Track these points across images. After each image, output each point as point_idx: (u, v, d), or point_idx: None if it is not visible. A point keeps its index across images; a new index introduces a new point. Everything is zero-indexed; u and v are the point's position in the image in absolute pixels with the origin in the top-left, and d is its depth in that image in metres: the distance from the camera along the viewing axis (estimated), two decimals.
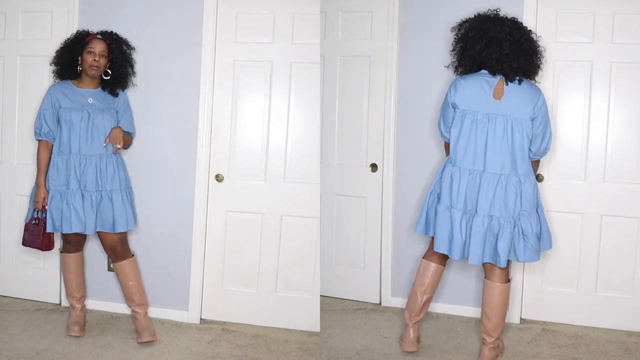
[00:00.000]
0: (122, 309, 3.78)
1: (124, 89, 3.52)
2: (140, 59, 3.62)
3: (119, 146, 3.34)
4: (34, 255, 3.87)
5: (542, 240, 3.09)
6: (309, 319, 3.69)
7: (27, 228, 3.33)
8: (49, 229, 3.29)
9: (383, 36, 3.85)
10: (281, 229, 3.74)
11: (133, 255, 3.52)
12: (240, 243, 3.77)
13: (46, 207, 3.27)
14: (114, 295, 3.79)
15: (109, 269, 3.79)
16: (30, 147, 3.84)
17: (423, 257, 3.28)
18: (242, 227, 3.76)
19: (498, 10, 3.12)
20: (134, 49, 3.54)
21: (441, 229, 3.08)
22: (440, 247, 3.09)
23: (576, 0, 3.55)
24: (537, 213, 3.09)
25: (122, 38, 3.48)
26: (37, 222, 3.31)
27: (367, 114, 3.94)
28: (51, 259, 3.87)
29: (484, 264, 3.09)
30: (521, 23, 3.10)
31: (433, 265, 3.23)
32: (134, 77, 3.57)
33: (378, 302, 4.00)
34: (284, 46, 3.67)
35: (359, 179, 3.98)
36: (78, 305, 3.49)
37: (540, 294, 3.72)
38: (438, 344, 3.42)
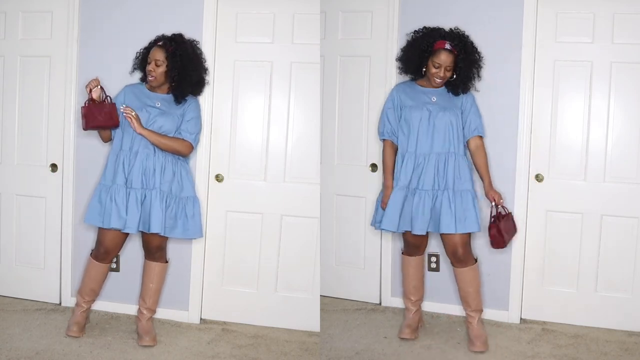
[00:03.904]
0: (122, 309, 3.78)
1: (192, 94, 3.42)
2: None
3: (132, 114, 3.23)
4: (34, 255, 3.88)
5: None
6: (309, 319, 3.69)
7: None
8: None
9: (383, 36, 3.85)
10: (281, 229, 3.74)
11: (167, 262, 3.53)
12: (240, 243, 3.77)
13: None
14: (115, 295, 3.79)
15: (110, 269, 3.78)
16: (30, 147, 3.85)
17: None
18: (242, 227, 3.76)
19: None
20: (198, 43, 3.49)
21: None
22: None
23: (576, 0, 3.55)
24: None
25: (184, 40, 3.38)
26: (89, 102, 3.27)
27: (367, 114, 3.94)
28: (51, 259, 3.87)
29: None
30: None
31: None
32: (206, 75, 3.50)
33: (378, 302, 4.00)
34: (284, 46, 3.67)
35: (359, 179, 3.98)
36: (84, 306, 3.47)
37: (540, 294, 3.72)
38: (438, 344, 3.43)
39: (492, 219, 3.35)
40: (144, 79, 3.46)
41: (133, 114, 3.24)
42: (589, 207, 3.62)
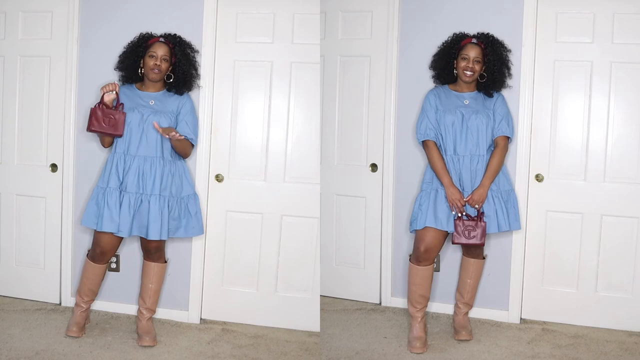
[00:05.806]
0: (123, 309, 3.78)
1: (189, 91, 3.47)
2: None
3: (173, 134, 3.17)
4: (34, 255, 3.88)
5: None
6: (309, 319, 3.70)
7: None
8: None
9: (383, 36, 3.85)
10: (281, 229, 3.74)
11: (166, 262, 3.53)
12: (240, 243, 3.77)
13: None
14: (115, 295, 3.79)
15: (110, 269, 3.78)
16: (30, 147, 3.85)
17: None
18: (242, 227, 3.76)
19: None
20: (197, 51, 3.52)
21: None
22: None
23: (576, 0, 3.55)
24: None
25: (185, 41, 3.44)
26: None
27: (367, 114, 3.94)
28: (51, 259, 3.87)
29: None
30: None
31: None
32: (198, 79, 3.53)
33: (378, 302, 4.01)
34: (284, 46, 3.67)
35: (359, 179, 3.98)
36: (84, 306, 3.47)
37: (540, 294, 3.72)
38: (438, 344, 3.43)
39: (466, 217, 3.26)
40: (126, 79, 3.42)
41: (159, 126, 3.23)
42: (589, 207, 3.62)
